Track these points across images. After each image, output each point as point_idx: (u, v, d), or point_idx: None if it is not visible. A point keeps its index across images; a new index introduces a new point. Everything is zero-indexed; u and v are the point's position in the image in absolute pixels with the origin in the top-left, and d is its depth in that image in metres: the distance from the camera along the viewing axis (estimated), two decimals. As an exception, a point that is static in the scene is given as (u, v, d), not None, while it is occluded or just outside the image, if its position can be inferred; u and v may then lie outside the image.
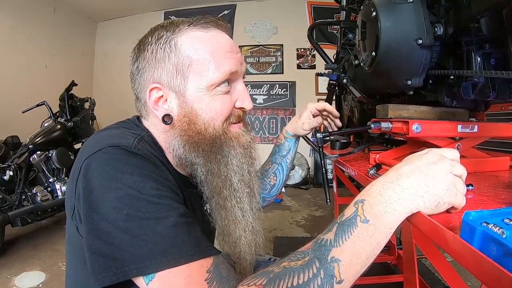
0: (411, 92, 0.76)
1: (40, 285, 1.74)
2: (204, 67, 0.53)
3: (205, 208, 0.64)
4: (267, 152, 0.93)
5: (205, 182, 0.57)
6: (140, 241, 0.40)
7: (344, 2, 1.24)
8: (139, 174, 0.44)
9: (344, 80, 1.05)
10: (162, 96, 0.54)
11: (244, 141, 0.59)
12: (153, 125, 0.57)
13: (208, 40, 0.54)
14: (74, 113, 2.82)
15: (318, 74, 1.29)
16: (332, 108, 0.87)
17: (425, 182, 0.40)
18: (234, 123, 0.59)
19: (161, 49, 0.53)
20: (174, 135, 0.55)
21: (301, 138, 0.92)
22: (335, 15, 4.21)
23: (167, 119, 0.54)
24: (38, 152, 2.41)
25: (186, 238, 0.43)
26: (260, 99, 4.75)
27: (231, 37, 0.59)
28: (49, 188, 2.43)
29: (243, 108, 0.59)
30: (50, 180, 2.46)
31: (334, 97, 1.32)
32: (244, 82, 0.60)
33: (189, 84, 0.53)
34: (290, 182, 4.17)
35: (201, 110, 0.54)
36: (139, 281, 0.41)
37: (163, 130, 0.56)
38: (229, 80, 0.56)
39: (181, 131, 0.54)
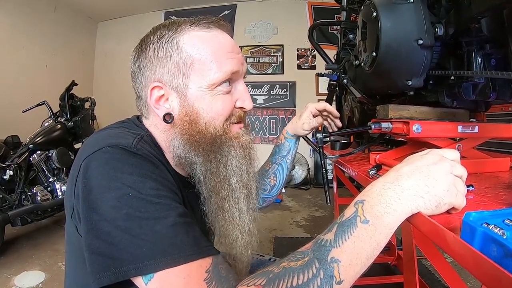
0: (412, 93, 0.76)
1: (40, 284, 1.74)
2: (206, 66, 0.53)
3: (202, 208, 0.64)
4: (267, 153, 0.93)
5: (203, 182, 0.57)
6: (139, 240, 0.40)
7: (344, 3, 1.24)
8: (138, 173, 0.44)
9: (345, 81, 1.05)
10: (163, 95, 0.54)
11: (244, 141, 0.59)
12: (154, 124, 0.57)
13: (210, 40, 0.54)
14: (74, 113, 2.83)
15: (318, 75, 1.29)
16: (332, 108, 0.87)
17: (425, 183, 0.40)
18: (235, 123, 0.59)
19: (163, 48, 0.53)
20: (175, 134, 0.55)
21: (301, 138, 0.92)
22: (335, 15, 4.21)
23: (168, 118, 0.54)
24: (38, 152, 2.41)
25: (185, 238, 0.43)
26: (260, 99, 4.75)
27: (232, 37, 0.59)
28: (49, 188, 2.44)
29: (244, 108, 0.59)
30: (50, 180, 2.46)
31: (334, 98, 1.32)
32: (244, 82, 0.60)
33: (191, 83, 0.53)
34: (290, 183, 4.16)
35: (202, 110, 0.54)
36: (138, 281, 0.41)
37: (163, 129, 0.56)
38: (230, 80, 0.56)
39: (182, 130, 0.54)
